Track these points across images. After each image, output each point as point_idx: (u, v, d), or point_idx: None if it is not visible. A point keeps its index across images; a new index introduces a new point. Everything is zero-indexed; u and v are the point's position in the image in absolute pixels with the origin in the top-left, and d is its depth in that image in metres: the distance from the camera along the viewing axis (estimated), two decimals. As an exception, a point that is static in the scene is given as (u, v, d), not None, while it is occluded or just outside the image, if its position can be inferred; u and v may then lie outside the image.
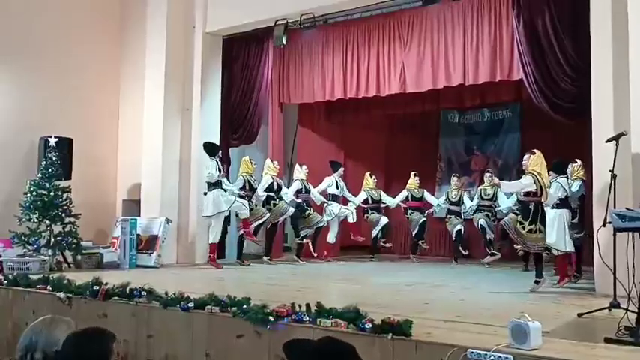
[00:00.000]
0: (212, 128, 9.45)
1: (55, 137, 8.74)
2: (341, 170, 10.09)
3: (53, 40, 9.56)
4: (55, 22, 9.59)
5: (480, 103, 10.68)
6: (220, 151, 8.97)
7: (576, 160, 7.33)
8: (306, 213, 9.73)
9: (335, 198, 9.97)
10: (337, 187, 9.95)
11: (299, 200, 9.70)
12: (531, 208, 6.30)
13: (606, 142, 5.36)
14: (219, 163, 8.67)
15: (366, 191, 10.17)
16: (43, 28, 9.43)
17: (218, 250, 8.79)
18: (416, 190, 10.04)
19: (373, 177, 10.25)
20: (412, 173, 10.08)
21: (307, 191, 9.80)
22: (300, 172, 9.88)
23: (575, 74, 6.85)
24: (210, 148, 8.66)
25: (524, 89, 7.79)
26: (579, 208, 7.13)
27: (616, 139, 5.20)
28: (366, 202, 10.15)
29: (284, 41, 8.95)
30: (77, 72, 9.86)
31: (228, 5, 9.25)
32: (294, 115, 11.25)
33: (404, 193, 10.08)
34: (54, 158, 8.38)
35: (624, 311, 4.09)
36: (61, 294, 5.63)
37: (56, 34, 9.60)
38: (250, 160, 9.29)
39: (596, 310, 4.68)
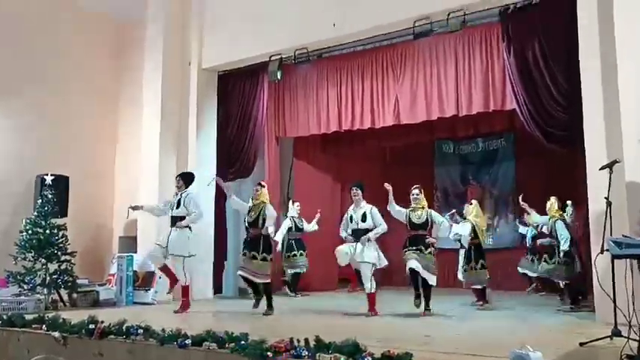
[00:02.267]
0: (208, 163, 9.49)
1: (52, 175, 8.76)
2: None
3: (50, 77, 9.67)
4: (52, 59, 9.71)
5: (474, 133, 10.77)
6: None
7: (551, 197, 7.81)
8: (292, 253, 9.66)
9: None
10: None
11: (288, 238, 9.66)
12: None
13: (600, 169, 5.39)
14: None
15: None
16: (40, 66, 9.54)
17: (216, 284, 8.80)
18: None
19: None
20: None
21: (299, 229, 9.74)
22: (291, 209, 9.86)
23: (566, 103, 6.92)
24: (191, 178, 7.94)
25: (517, 119, 7.86)
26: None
27: (610, 166, 5.23)
28: None
29: (279, 76, 9.07)
30: (74, 110, 9.95)
31: (223, 42, 9.41)
32: (290, 148, 11.30)
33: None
34: (50, 196, 8.38)
35: (626, 340, 4.06)
36: (56, 333, 5.55)
37: (53, 71, 9.72)
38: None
39: (597, 340, 4.63)
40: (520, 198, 8.28)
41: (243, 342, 4.47)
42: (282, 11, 8.74)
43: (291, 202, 10.12)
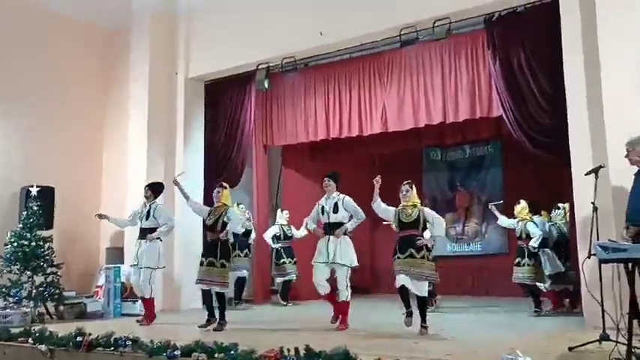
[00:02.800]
0: (196, 172, 9.46)
1: (37, 186, 8.67)
2: None
3: (35, 88, 9.59)
4: (37, 70, 9.64)
5: (462, 140, 10.84)
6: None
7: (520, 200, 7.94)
8: (281, 261, 9.64)
9: None
10: None
11: (277, 246, 9.65)
12: None
13: (585, 174, 5.45)
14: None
15: None
16: (24, 77, 9.46)
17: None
18: None
19: None
20: None
21: (287, 237, 9.72)
22: (281, 217, 9.85)
23: (552, 109, 6.99)
24: (160, 189, 7.74)
25: (504, 125, 7.91)
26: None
27: (595, 171, 5.29)
28: None
29: (266, 85, 9.08)
30: (60, 120, 9.87)
31: (209, 51, 9.41)
32: (279, 156, 11.30)
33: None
34: (35, 208, 8.30)
35: (614, 344, 4.08)
36: (43, 347, 5.51)
37: (38, 83, 9.64)
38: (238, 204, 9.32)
39: (586, 344, 4.65)
40: (490, 204, 8.46)
41: (232, 352, 4.44)
42: (269, 20, 8.75)
43: (279, 210, 10.11)
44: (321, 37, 8.29)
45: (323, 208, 6.66)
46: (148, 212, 7.43)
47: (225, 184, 7.27)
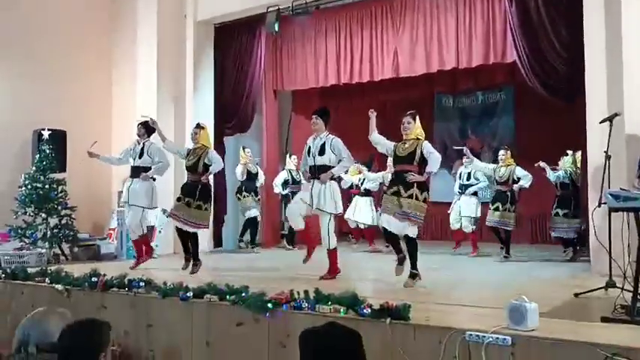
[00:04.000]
0: (206, 117, 9.40)
1: (49, 130, 8.70)
2: None
3: (43, 33, 9.47)
4: (45, 15, 9.49)
5: (474, 86, 10.68)
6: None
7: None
8: None
9: None
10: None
11: (285, 191, 9.69)
12: None
13: (600, 122, 5.36)
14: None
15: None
16: (32, 22, 9.33)
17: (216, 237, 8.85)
18: None
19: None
20: None
21: (296, 182, 9.73)
22: (289, 162, 9.86)
23: (568, 56, 6.84)
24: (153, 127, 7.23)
25: (517, 72, 7.77)
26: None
27: (610, 119, 5.20)
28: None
29: (276, 28, 8.89)
30: (68, 64, 9.78)
31: (219, -7, 9.19)
32: (289, 102, 11.22)
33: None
34: (48, 151, 8.37)
35: (620, 290, 4.13)
36: (60, 286, 5.65)
37: (46, 27, 9.51)
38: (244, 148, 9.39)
39: (592, 290, 4.72)
40: (465, 149, 8.35)
41: (243, 294, 4.54)
42: (279, -40, 8.51)
43: (288, 155, 10.11)
44: (333, -21, 8.08)
45: (310, 149, 6.13)
46: (142, 150, 7.14)
47: (202, 123, 7.05)
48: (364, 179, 9.45)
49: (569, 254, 7.67)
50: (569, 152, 7.88)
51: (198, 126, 6.93)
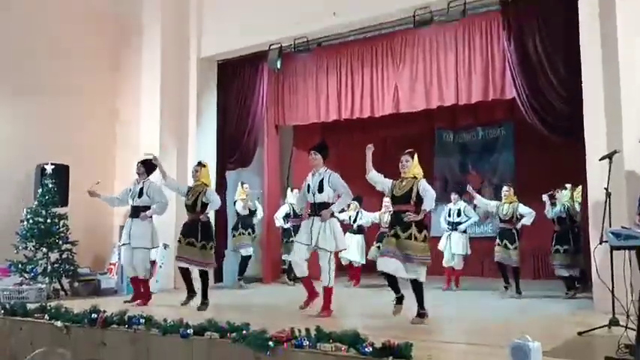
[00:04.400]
0: (208, 152, 9.48)
1: (52, 164, 8.75)
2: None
3: (50, 68, 9.59)
4: (52, 51, 9.63)
5: (474, 122, 10.80)
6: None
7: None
8: (290, 239, 9.60)
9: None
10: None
11: (287, 225, 9.68)
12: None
13: (600, 160, 5.42)
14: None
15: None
16: (40, 58, 9.46)
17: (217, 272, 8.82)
18: None
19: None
20: None
21: (297, 215, 9.69)
22: (291, 196, 9.88)
23: (566, 92, 6.92)
24: (153, 166, 7.27)
25: (517, 108, 7.86)
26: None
27: (609, 156, 5.25)
28: None
29: (278, 65, 9.03)
30: (74, 100, 9.88)
31: (222, 30, 9.37)
32: (290, 137, 11.31)
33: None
34: (50, 185, 8.40)
35: (624, 329, 4.10)
36: (59, 323, 5.60)
37: (53, 62, 9.63)
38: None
39: (595, 329, 4.68)
40: (468, 186, 8.51)
41: (244, 331, 4.51)
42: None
43: (289, 189, 10.14)
44: (334, 18, 8.23)
45: (309, 186, 6.07)
46: (141, 190, 7.15)
47: (204, 162, 7.14)
48: (357, 215, 9.42)
49: (572, 294, 7.53)
50: (568, 186, 7.86)
51: (200, 164, 7.01)
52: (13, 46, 9.18)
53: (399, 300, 5.49)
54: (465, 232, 8.77)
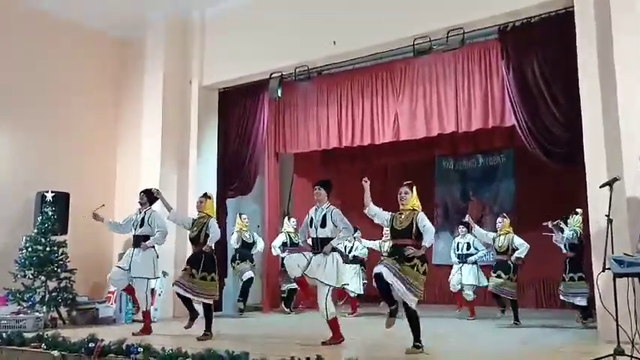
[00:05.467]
0: (208, 181, 9.49)
1: (52, 192, 8.75)
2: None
3: (51, 95, 9.68)
4: (52, 77, 9.73)
5: (474, 149, 10.82)
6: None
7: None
8: None
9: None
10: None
11: (284, 254, 9.63)
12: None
13: (600, 187, 5.39)
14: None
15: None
16: (40, 84, 9.55)
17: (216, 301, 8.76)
18: None
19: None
20: None
21: (294, 244, 9.61)
22: (288, 225, 9.84)
23: (566, 119, 6.94)
24: (155, 196, 7.36)
25: (516, 135, 7.88)
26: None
27: (610, 183, 5.23)
28: None
29: (279, 94, 9.10)
30: (74, 127, 9.95)
31: (223, 59, 9.47)
32: (291, 164, 11.33)
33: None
34: (50, 213, 8.37)
35: (629, 358, 4.03)
36: (56, 352, 5.52)
37: (54, 89, 9.72)
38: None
39: (600, 358, 4.60)
40: (467, 216, 8.54)
41: (243, 361, 4.45)
42: (282, 29, 8.79)
43: (286, 217, 10.10)
44: (334, 47, 8.33)
45: (312, 220, 6.13)
46: (143, 219, 7.23)
47: (209, 193, 7.16)
48: (353, 246, 9.31)
49: (589, 322, 7.28)
50: (579, 211, 7.69)
51: (205, 195, 7.01)
52: (13, 75, 9.24)
53: (393, 312, 5.42)
54: (475, 263, 8.79)
